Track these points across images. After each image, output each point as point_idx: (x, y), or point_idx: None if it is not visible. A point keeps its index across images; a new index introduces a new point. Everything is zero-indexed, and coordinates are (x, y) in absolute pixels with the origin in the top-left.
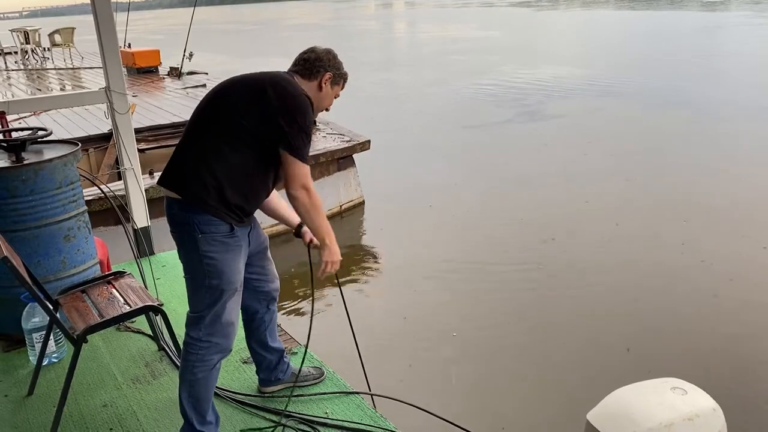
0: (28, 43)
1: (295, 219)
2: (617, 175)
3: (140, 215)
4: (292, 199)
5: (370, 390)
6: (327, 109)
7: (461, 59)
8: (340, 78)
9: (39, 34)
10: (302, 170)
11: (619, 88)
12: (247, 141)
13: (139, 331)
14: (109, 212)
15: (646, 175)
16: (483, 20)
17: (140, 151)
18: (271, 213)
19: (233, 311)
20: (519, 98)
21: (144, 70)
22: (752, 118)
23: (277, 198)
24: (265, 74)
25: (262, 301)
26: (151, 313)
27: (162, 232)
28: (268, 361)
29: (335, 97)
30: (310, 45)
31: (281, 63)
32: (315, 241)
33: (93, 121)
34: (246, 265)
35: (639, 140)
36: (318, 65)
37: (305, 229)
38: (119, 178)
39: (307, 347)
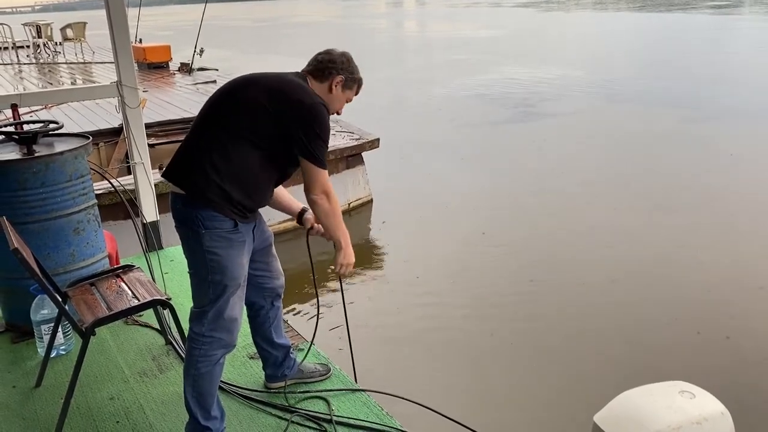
0: (40, 37)
1: (296, 206)
2: (623, 179)
3: (149, 209)
4: (312, 203)
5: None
6: (338, 113)
7: (469, 58)
8: (353, 82)
9: (51, 29)
10: (322, 176)
11: (631, 91)
12: (254, 141)
13: (146, 325)
14: (119, 206)
15: (649, 180)
16: (492, 20)
17: (150, 145)
18: (273, 204)
19: (236, 307)
20: (526, 98)
21: (155, 65)
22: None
23: (279, 189)
24: (281, 77)
25: (266, 298)
26: (159, 307)
27: (171, 226)
28: (274, 357)
29: (347, 101)
30: (311, 42)
31: (283, 60)
32: (317, 227)
33: (104, 115)
34: (250, 262)
35: (644, 145)
36: (330, 67)
37: (307, 215)
38: (129, 173)
39: (312, 342)
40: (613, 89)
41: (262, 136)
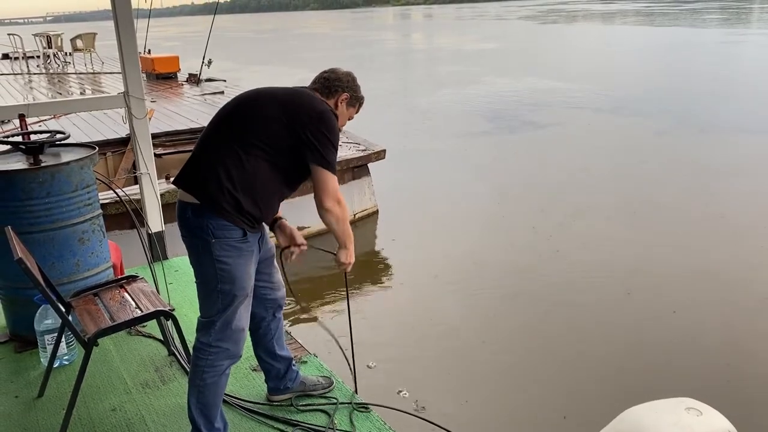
0: (50, 47)
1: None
2: (623, 187)
3: (155, 220)
4: (325, 212)
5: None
6: (339, 130)
7: (470, 70)
8: (356, 100)
9: (61, 39)
10: (334, 183)
11: (638, 105)
12: (268, 152)
13: (149, 336)
14: (124, 216)
15: (648, 193)
16: (495, 33)
17: (157, 156)
18: None
19: (243, 317)
20: (526, 108)
21: (163, 75)
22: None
23: None
24: (292, 90)
25: (268, 309)
26: (162, 317)
27: (176, 237)
28: (276, 369)
29: (349, 119)
30: (311, 52)
31: (288, 71)
32: (290, 254)
33: (111, 125)
34: (261, 271)
35: (642, 154)
36: (336, 85)
37: (281, 223)
38: (136, 182)
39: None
40: (609, 102)
41: (276, 147)
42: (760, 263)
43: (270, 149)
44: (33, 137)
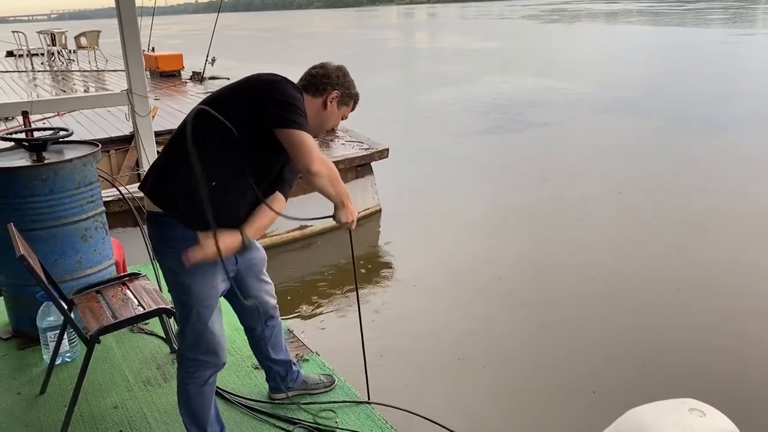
0: (54, 45)
1: None
2: (623, 187)
3: None
4: (314, 176)
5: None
6: (333, 130)
7: (472, 69)
8: (349, 98)
9: (65, 37)
10: (311, 141)
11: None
12: (224, 148)
13: (152, 333)
14: (127, 214)
15: (649, 188)
16: (499, 33)
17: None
18: None
19: (215, 328)
20: (530, 108)
21: (167, 73)
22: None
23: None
24: (246, 77)
25: (257, 319)
26: (164, 315)
27: None
28: (275, 371)
29: (343, 118)
30: (313, 50)
31: (285, 70)
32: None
33: (115, 122)
34: (242, 286)
35: (648, 156)
36: (325, 82)
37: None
38: (139, 180)
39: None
40: (609, 101)
41: (231, 139)
42: (763, 264)
43: (226, 144)
44: (36, 134)
